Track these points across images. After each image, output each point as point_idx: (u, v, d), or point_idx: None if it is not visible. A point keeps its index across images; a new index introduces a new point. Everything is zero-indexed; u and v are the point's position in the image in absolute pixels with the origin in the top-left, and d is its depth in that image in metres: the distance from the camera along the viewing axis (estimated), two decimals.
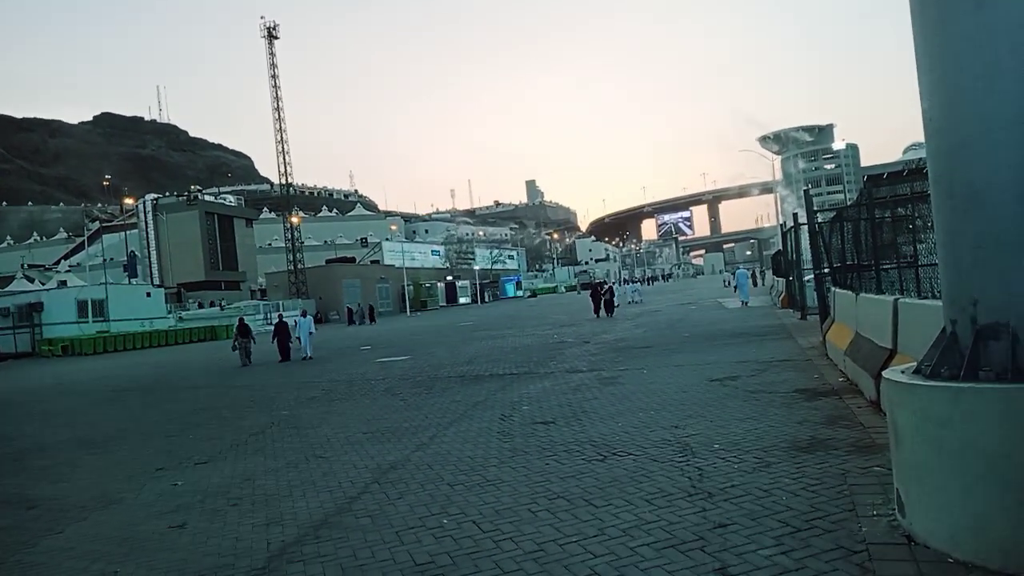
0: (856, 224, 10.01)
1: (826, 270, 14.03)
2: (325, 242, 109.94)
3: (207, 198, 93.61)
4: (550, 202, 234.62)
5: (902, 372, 4.06)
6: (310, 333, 22.92)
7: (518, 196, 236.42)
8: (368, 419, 9.82)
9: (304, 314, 24.70)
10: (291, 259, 66.22)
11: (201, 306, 63.62)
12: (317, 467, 7.27)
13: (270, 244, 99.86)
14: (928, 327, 4.67)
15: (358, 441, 8.35)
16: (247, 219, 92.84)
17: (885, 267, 9.11)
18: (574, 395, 10.14)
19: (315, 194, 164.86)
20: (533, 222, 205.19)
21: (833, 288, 12.59)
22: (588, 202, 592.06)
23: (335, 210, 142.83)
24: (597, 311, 31.01)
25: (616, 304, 32.68)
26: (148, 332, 44.21)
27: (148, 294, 51.84)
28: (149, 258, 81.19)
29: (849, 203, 14.18)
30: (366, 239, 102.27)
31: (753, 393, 8.83)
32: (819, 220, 14.88)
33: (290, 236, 66.99)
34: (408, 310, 65.98)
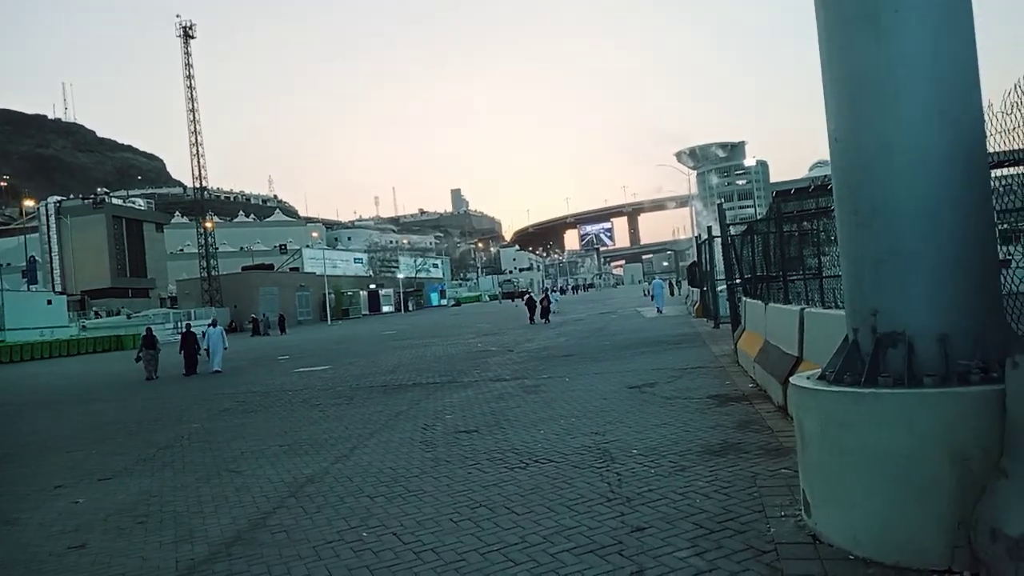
0: (766, 237, 10.49)
1: (738, 281, 14.62)
2: (241, 248, 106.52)
3: (115, 201, 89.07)
4: (475, 211, 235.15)
5: (807, 378, 4.27)
6: (224, 348, 21.07)
7: (443, 204, 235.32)
8: (285, 431, 9.54)
9: (214, 324, 22.53)
10: (204, 266, 63.74)
11: (110, 314, 60.31)
12: (230, 482, 7.00)
13: (182, 250, 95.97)
14: (831, 335, 4.94)
15: (274, 454, 8.10)
16: (157, 223, 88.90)
17: (792, 278, 9.57)
18: (497, 404, 10.16)
19: (231, 198, 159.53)
20: (458, 231, 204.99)
21: (744, 298, 13.12)
22: (513, 212, 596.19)
23: (253, 215, 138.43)
24: (532, 318, 32.03)
25: (554, 311, 33.61)
26: (48, 342, 41.67)
27: (49, 302, 48.93)
28: (51, 264, 76.44)
29: (759, 217, 14.83)
30: (285, 246, 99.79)
31: (669, 399, 9.09)
32: (732, 233, 15.49)
33: (203, 242, 64.49)
34: (329, 319, 64.59)
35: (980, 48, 3.83)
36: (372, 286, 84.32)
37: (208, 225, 67.48)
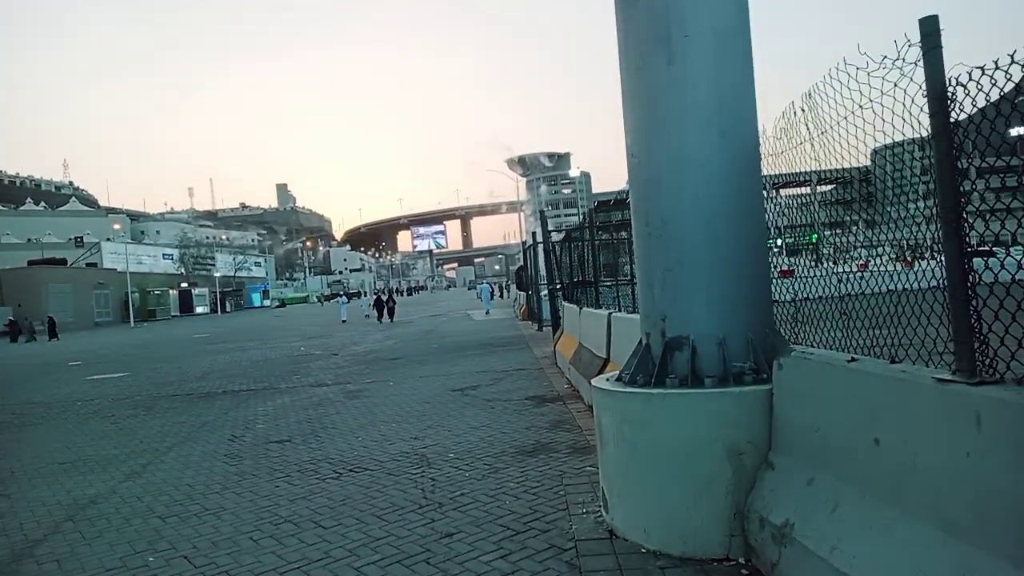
0: (580, 245, 10.99)
1: (558, 285, 15.23)
2: (29, 240, 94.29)
3: None
4: (303, 208, 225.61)
5: (607, 379, 4.49)
6: None
7: (268, 200, 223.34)
8: (68, 447, 8.51)
9: None
10: None
11: None
12: None
13: None
14: (634, 339, 5.23)
15: (52, 473, 7.19)
16: None
17: (606, 284, 10.10)
18: (315, 410, 9.77)
19: (17, 183, 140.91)
20: (284, 228, 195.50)
21: (563, 302, 13.68)
22: (344, 211, 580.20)
23: (43, 203, 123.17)
24: (380, 317, 34.22)
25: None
26: None
27: None
28: None
29: (575, 226, 15.54)
30: (82, 238, 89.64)
31: (489, 401, 9.23)
32: (553, 240, 16.11)
33: None
34: (132, 320, 59.01)
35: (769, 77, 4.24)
36: (184, 285, 78.15)
37: None
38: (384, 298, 36.97)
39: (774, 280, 4.18)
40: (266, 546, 4.57)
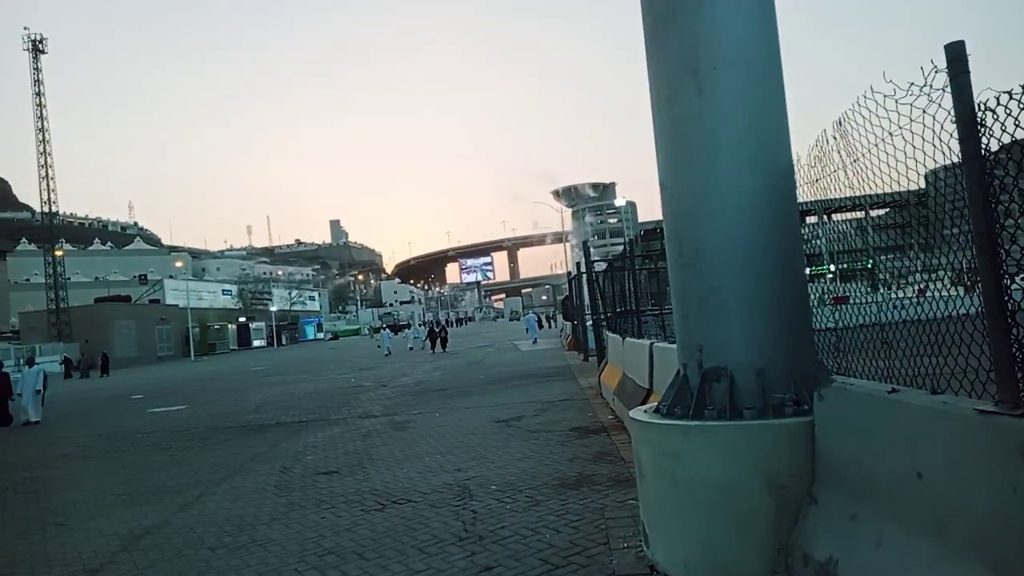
0: (623, 274, 10.95)
1: (602, 315, 15.16)
2: (96, 278, 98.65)
3: None
4: (355, 243, 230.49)
5: (644, 411, 4.45)
6: (37, 391, 16.90)
7: (321, 236, 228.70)
8: (127, 478, 8.81)
9: (31, 363, 18.34)
10: (52, 297, 58.49)
11: None
12: (55, 537, 6.36)
13: (28, 280, 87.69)
14: (675, 369, 5.19)
15: (110, 504, 7.44)
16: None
17: (650, 313, 10.03)
18: (363, 442, 9.89)
19: (86, 225, 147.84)
20: (337, 263, 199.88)
21: (607, 332, 13.60)
22: (394, 244, 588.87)
23: (110, 243, 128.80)
24: (433, 347, 35.44)
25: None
26: None
27: None
28: None
29: (616, 256, 15.51)
30: (145, 276, 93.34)
31: (533, 432, 9.20)
32: (596, 270, 16.08)
33: (52, 271, 59.28)
34: (192, 354, 60.84)
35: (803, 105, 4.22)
36: (242, 319, 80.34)
37: (58, 253, 62.28)
38: (437, 329, 38.66)
39: (828, 307, 4.10)
40: None
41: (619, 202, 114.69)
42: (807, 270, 4.25)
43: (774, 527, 3.64)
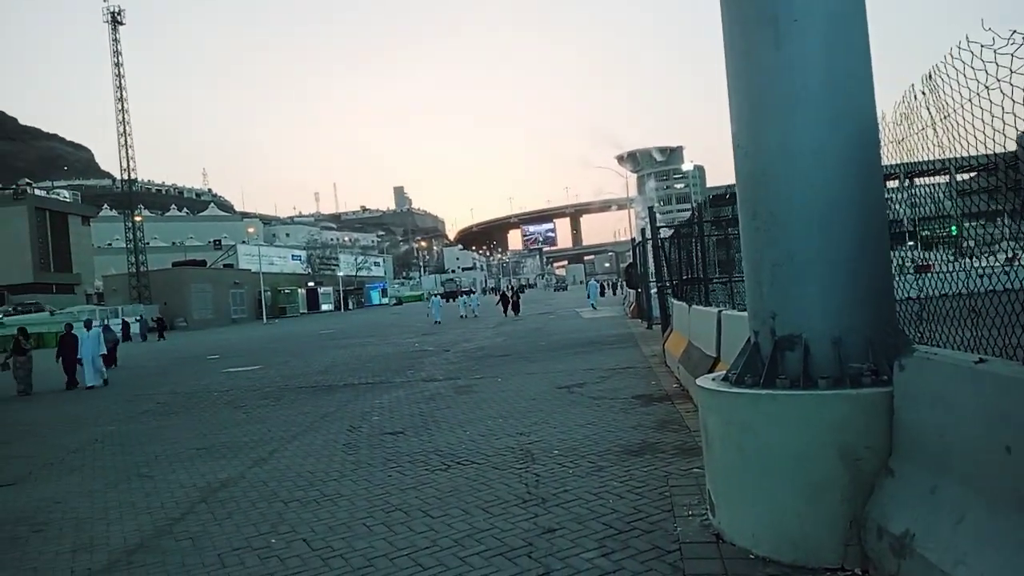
0: (689, 241, 10.71)
1: (667, 283, 14.91)
2: (173, 243, 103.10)
3: (38, 192, 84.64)
4: (418, 209, 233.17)
5: (712, 379, 4.36)
6: (103, 355, 17.03)
7: (386, 202, 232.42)
8: (204, 434, 9.24)
9: (88, 325, 17.57)
10: (133, 261, 61.40)
11: (40, 310, 57.21)
12: (140, 487, 6.74)
13: (110, 244, 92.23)
14: (744, 337, 5.05)
15: (189, 458, 7.83)
16: (84, 216, 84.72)
17: (714, 281, 9.80)
18: (427, 404, 10.08)
19: (163, 192, 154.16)
20: (401, 229, 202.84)
21: (672, 300, 13.38)
22: (456, 211, 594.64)
23: (185, 209, 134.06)
24: (506, 311, 36.84)
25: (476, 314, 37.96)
26: None
27: None
28: None
29: (683, 221, 15.17)
30: (219, 241, 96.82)
31: (596, 399, 9.18)
32: (662, 236, 15.79)
33: (132, 236, 62.11)
34: (265, 317, 63.06)
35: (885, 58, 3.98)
36: (311, 284, 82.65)
37: (137, 219, 65.12)
38: (509, 294, 39.82)
39: (911, 276, 3.90)
40: (378, 532, 4.77)
41: (686, 166, 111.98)
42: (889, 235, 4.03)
43: (847, 499, 3.54)
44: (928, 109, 3.20)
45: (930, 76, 3.08)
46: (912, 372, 3.35)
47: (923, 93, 3.24)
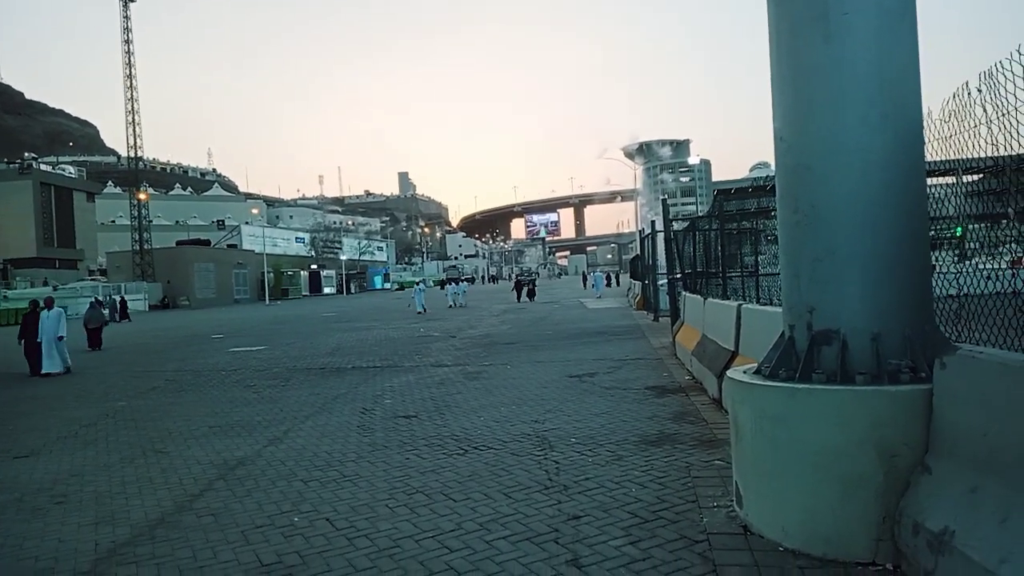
0: (707, 234, 10.66)
1: (678, 275, 14.87)
2: (177, 222, 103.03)
3: (43, 167, 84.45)
4: (422, 196, 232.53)
5: (743, 372, 4.35)
6: (60, 338, 14.85)
7: (390, 187, 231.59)
8: (216, 412, 9.25)
9: (49, 305, 15.60)
10: (136, 238, 61.38)
11: (46, 284, 57.27)
12: (156, 462, 6.75)
13: (113, 221, 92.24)
14: (766, 331, 5.04)
15: (204, 435, 7.84)
16: (88, 193, 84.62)
17: (731, 275, 9.77)
18: (438, 389, 10.09)
19: (168, 170, 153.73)
20: (404, 215, 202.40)
21: (684, 292, 13.36)
22: (460, 198, 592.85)
23: (190, 188, 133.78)
24: (519, 297, 39.26)
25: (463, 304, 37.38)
26: None
27: None
28: None
29: (701, 214, 15.11)
30: (223, 221, 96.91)
31: (608, 389, 9.18)
32: (674, 228, 15.74)
33: (137, 213, 62.06)
34: (267, 298, 63.10)
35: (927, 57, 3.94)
36: (313, 266, 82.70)
37: (142, 196, 65.08)
38: (524, 280, 43.68)
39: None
40: (401, 514, 4.78)
41: (693, 160, 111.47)
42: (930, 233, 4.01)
43: (881, 495, 3.54)
44: (984, 106, 3.17)
45: (990, 74, 3.04)
46: (954, 370, 3.34)
47: (978, 90, 3.21)
